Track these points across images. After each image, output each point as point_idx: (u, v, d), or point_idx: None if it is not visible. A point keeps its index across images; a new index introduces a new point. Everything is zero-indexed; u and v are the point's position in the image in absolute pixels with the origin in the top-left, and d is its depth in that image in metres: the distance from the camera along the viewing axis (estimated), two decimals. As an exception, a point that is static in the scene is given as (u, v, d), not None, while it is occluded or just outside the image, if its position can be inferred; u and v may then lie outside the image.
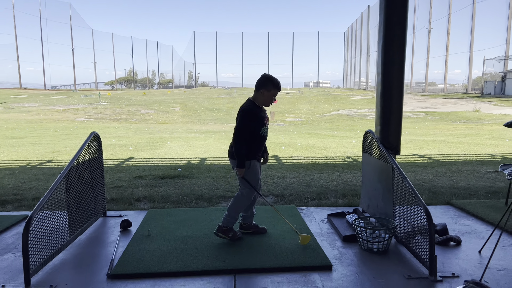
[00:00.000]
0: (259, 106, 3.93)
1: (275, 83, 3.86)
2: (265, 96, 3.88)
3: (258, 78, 3.93)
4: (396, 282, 3.12)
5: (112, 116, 26.36)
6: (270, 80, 3.86)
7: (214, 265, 3.38)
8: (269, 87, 3.84)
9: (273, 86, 3.85)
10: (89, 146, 4.34)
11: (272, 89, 3.86)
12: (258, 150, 3.98)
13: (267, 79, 3.87)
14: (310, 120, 25.07)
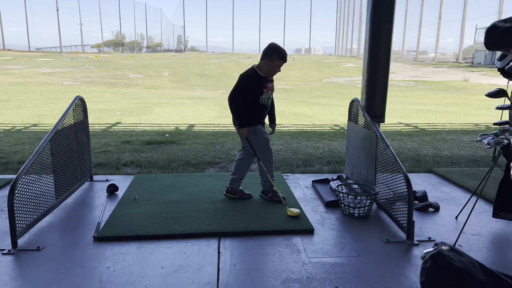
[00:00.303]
0: (262, 75, 3.90)
1: (280, 54, 3.78)
2: (268, 66, 3.84)
3: (266, 46, 3.88)
4: (374, 246, 3.24)
5: (99, 80, 25.91)
6: (275, 51, 3.79)
7: (199, 228, 3.46)
8: (273, 57, 3.79)
9: (277, 57, 3.79)
10: (74, 110, 4.31)
11: (276, 60, 3.80)
12: (261, 117, 4.02)
13: (272, 49, 3.80)
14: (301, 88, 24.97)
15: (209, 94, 19.72)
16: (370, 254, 3.10)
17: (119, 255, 3.04)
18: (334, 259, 3.01)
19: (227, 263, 2.94)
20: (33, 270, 2.81)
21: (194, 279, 2.72)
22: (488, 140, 3.31)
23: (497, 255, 3.12)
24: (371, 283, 2.69)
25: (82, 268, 2.84)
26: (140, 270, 2.82)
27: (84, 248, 3.13)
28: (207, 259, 2.98)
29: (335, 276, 2.78)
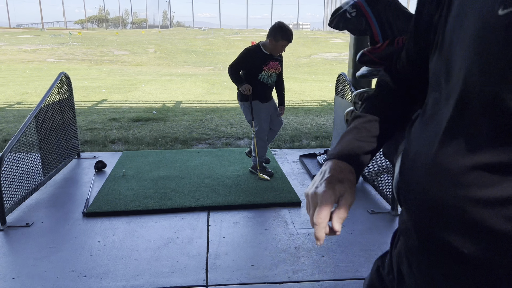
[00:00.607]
0: (266, 52, 3.87)
1: (284, 34, 3.73)
2: (271, 45, 3.81)
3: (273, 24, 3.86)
4: (359, 216, 3.32)
5: (83, 57, 25.38)
6: (280, 30, 3.74)
7: (188, 203, 3.50)
8: (277, 37, 3.75)
9: (281, 37, 3.74)
10: (58, 86, 4.25)
11: (280, 39, 3.75)
12: (261, 95, 3.97)
13: (276, 29, 3.75)
14: (289, 64, 24.81)
15: (196, 70, 19.51)
16: (356, 224, 3.18)
17: (109, 229, 3.07)
18: (320, 230, 3.09)
19: (216, 235, 2.99)
20: (23, 246, 2.83)
21: (184, 251, 2.77)
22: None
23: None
24: (356, 252, 2.78)
25: (72, 243, 2.87)
26: (130, 244, 2.86)
27: (73, 224, 3.16)
28: (197, 232, 3.04)
29: (322, 246, 2.85)
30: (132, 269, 2.55)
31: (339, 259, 2.69)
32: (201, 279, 2.45)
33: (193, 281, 2.43)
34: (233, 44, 33.55)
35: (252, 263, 2.63)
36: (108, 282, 2.41)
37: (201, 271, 2.54)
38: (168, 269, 2.55)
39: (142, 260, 2.65)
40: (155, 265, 2.60)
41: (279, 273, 2.53)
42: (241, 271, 2.54)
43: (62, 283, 2.40)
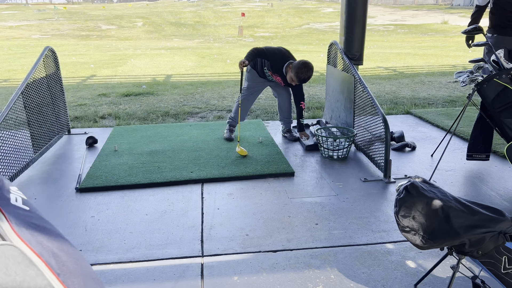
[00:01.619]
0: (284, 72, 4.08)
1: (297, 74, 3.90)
2: (288, 72, 4.02)
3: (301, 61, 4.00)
4: (352, 185, 3.35)
5: (70, 33, 24.78)
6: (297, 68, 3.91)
7: (182, 176, 3.49)
8: (293, 70, 3.95)
9: (295, 74, 3.92)
10: (44, 61, 4.15)
11: (293, 75, 3.94)
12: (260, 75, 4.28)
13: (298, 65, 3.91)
14: (280, 35, 24.44)
15: (185, 44, 19.16)
16: (349, 192, 3.21)
17: (102, 204, 3.06)
18: (314, 198, 3.11)
19: (210, 207, 3.01)
20: (17, 222, 2.82)
21: (179, 223, 2.78)
22: (463, 78, 3.36)
23: (469, 188, 3.27)
24: (349, 219, 2.81)
25: (66, 218, 2.87)
26: (124, 217, 2.87)
27: (67, 200, 3.15)
28: (191, 204, 3.04)
29: (315, 214, 2.88)
30: (127, 242, 2.56)
31: (333, 227, 2.71)
32: (196, 250, 2.47)
33: (189, 252, 2.45)
34: (223, 16, 32.87)
35: (247, 233, 2.65)
36: (103, 255, 2.42)
37: (197, 242, 2.56)
38: (163, 241, 2.57)
39: (137, 233, 2.66)
40: (150, 238, 2.61)
41: (274, 241, 2.55)
42: (236, 241, 2.57)
43: (57, 257, 2.41)
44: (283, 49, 4.21)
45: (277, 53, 4.12)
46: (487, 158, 3.58)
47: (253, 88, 4.35)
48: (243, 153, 3.95)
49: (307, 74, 3.92)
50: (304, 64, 3.91)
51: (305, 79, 3.95)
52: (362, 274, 2.23)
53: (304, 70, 3.89)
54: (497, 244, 1.69)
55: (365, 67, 9.89)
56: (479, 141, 3.54)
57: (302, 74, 3.91)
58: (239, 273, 2.26)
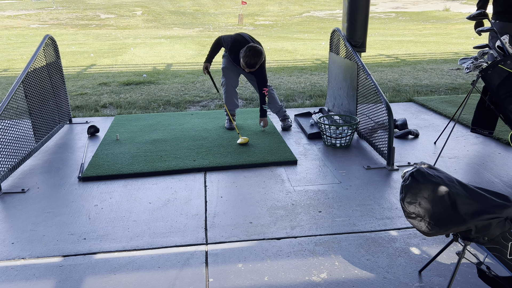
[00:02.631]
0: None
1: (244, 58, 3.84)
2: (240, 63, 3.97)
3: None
4: (356, 173, 3.34)
5: (69, 22, 24.59)
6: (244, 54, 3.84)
7: (185, 165, 3.48)
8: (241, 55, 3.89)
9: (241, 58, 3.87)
10: (44, 50, 4.11)
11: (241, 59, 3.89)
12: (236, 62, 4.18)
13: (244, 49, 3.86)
14: (280, 23, 24.24)
15: (185, 32, 19.02)
16: (352, 180, 3.20)
17: (105, 193, 3.06)
18: (317, 186, 3.11)
19: (214, 195, 3.00)
20: (20, 211, 2.82)
21: (182, 211, 2.78)
22: (467, 64, 3.32)
23: (472, 175, 3.26)
24: (353, 207, 2.80)
25: (70, 207, 2.87)
26: (128, 206, 2.86)
27: (69, 189, 3.14)
28: (194, 193, 3.04)
29: (318, 202, 2.88)
30: (131, 231, 2.56)
31: (336, 214, 2.71)
32: (200, 238, 2.47)
33: (193, 240, 2.45)
34: (222, 4, 32.57)
35: (251, 221, 2.65)
36: (108, 244, 2.43)
37: (200, 230, 2.56)
38: (167, 229, 2.57)
39: (141, 222, 2.66)
40: (154, 226, 2.61)
41: (278, 229, 2.55)
42: (240, 228, 2.57)
43: (62, 246, 2.41)
44: (239, 36, 4.06)
45: (230, 41, 4.02)
46: (490, 135, 3.56)
47: (229, 75, 4.26)
48: (244, 141, 3.94)
49: (252, 59, 3.82)
50: (249, 49, 3.82)
51: (252, 64, 3.84)
52: (366, 261, 2.23)
53: (248, 54, 3.81)
54: (503, 230, 1.68)
55: (367, 55, 9.82)
56: (483, 117, 3.50)
57: (247, 59, 3.82)
58: (243, 260, 2.26)
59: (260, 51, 3.86)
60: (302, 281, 2.08)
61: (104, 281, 2.11)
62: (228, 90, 4.33)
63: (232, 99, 4.37)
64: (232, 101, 4.37)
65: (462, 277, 2.08)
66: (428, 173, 1.76)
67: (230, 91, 4.33)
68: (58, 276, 2.15)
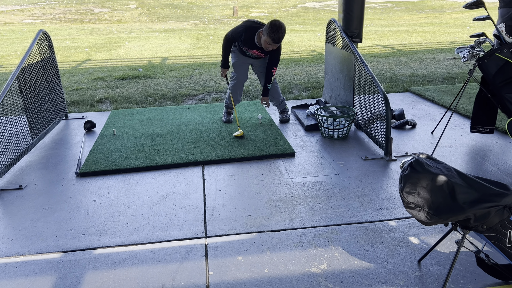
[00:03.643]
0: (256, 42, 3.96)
1: (271, 33, 3.74)
2: (260, 38, 3.90)
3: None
4: (354, 164, 3.34)
5: (62, 17, 24.38)
6: (269, 27, 3.75)
7: (183, 159, 3.47)
8: (265, 31, 3.79)
9: (267, 34, 3.77)
10: (38, 45, 4.07)
11: (266, 36, 3.79)
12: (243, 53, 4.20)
13: (268, 24, 3.78)
14: (276, 15, 24.12)
15: (180, 25, 18.90)
16: (350, 171, 3.20)
17: (104, 188, 3.05)
18: (315, 178, 3.11)
19: (212, 188, 3.00)
20: (18, 208, 2.81)
21: (181, 205, 2.78)
22: (464, 54, 3.32)
23: (470, 165, 3.27)
24: (351, 198, 2.81)
25: (68, 203, 2.86)
26: (126, 201, 2.86)
27: (67, 184, 3.13)
28: (193, 187, 3.03)
29: (317, 193, 2.88)
30: (130, 225, 2.56)
31: (335, 205, 2.72)
32: (199, 231, 2.47)
33: (192, 233, 2.45)
34: (217, -4, 32.33)
35: (250, 213, 2.65)
36: (107, 239, 2.42)
37: (200, 223, 2.56)
38: (166, 224, 2.56)
39: (140, 216, 2.66)
40: (153, 220, 2.61)
41: (277, 221, 2.56)
42: (239, 221, 2.57)
43: (61, 242, 2.41)
44: (249, 22, 4.03)
45: (243, 30, 3.96)
46: (491, 132, 3.57)
47: (239, 69, 4.24)
48: (240, 134, 3.94)
49: (280, 32, 3.78)
50: (273, 24, 3.78)
51: (279, 38, 3.80)
52: (365, 252, 2.24)
53: (274, 29, 3.76)
54: (502, 218, 1.69)
55: (363, 45, 9.79)
56: (483, 113, 3.52)
57: (274, 34, 3.76)
58: (243, 253, 2.26)
59: (283, 24, 3.83)
60: (302, 272, 2.09)
61: (104, 276, 2.11)
62: (237, 84, 4.30)
63: (238, 94, 4.36)
64: (238, 95, 4.37)
65: (461, 266, 2.09)
66: (426, 163, 1.76)
67: (239, 86, 4.31)
68: (58, 272, 2.15)
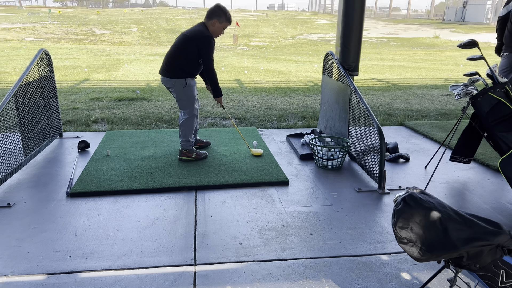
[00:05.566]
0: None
1: (227, 15, 3.76)
2: (215, 27, 3.77)
3: (211, 7, 3.81)
4: (347, 195, 3.33)
5: (64, 37, 24.66)
6: (224, 12, 3.75)
7: (175, 183, 3.45)
8: (221, 18, 3.75)
9: (225, 19, 3.76)
10: (38, 63, 4.10)
11: (224, 21, 3.77)
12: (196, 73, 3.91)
13: (221, 10, 3.74)
14: (274, 45, 24.57)
15: (180, 50, 19.14)
16: (343, 202, 3.19)
17: (93, 210, 3.01)
18: (308, 208, 3.09)
19: (204, 215, 2.96)
20: (4, 226, 2.75)
21: (171, 230, 2.73)
22: (458, 91, 3.38)
23: (463, 201, 3.27)
24: (344, 230, 2.78)
25: (56, 223, 2.80)
26: (116, 223, 2.81)
27: (57, 204, 3.08)
28: (184, 212, 3.00)
29: (310, 224, 2.85)
30: (118, 249, 2.50)
31: (327, 237, 2.69)
32: (189, 258, 2.43)
33: (181, 260, 2.41)
34: (217, 24, 32.91)
35: (241, 242, 2.61)
36: (93, 262, 2.37)
37: (189, 250, 2.51)
38: (155, 249, 2.52)
39: (128, 240, 2.61)
40: (141, 245, 2.56)
41: (268, 251, 2.52)
42: (230, 249, 2.53)
43: (46, 263, 2.35)
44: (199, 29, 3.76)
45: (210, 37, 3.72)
46: (469, 162, 3.71)
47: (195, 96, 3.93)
48: (258, 153, 4.11)
49: (227, 9, 3.76)
50: (221, 7, 3.73)
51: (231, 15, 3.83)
52: (357, 286, 2.20)
53: (225, 9, 3.74)
54: (495, 257, 1.67)
55: (359, 78, 9.95)
56: (466, 145, 3.62)
57: (227, 13, 3.73)
58: (232, 282, 2.22)
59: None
60: (291, 305, 2.04)
61: (88, 301, 2.05)
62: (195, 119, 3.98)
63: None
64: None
65: (453, 304, 2.06)
66: (420, 198, 1.76)
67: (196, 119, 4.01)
68: (40, 295, 2.08)
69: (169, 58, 3.78)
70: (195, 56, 3.74)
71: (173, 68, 3.76)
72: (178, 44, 3.75)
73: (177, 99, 3.90)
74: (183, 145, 3.97)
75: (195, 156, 4.00)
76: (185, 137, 3.94)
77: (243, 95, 7.57)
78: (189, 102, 3.87)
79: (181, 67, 3.75)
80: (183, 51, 3.72)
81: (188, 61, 3.75)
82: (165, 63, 3.80)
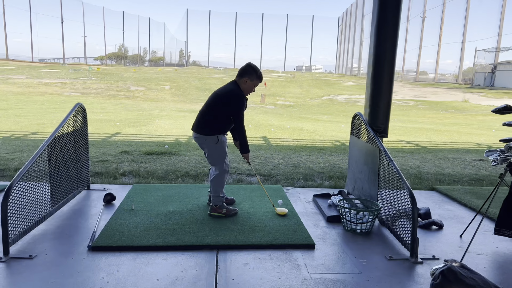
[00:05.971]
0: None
1: (258, 74, 3.88)
2: (247, 85, 3.89)
3: (243, 66, 3.95)
4: (377, 263, 3.14)
5: (100, 92, 25.97)
6: (255, 70, 3.87)
7: (197, 240, 3.36)
8: (252, 76, 3.86)
9: (256, 77, 3.87)
10: (73, 117, 4.25)
11: (255, 79, 3.88)
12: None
13: (252, 68, 3.87)
14: (301, 104, 25.02)
15: (209, 108, 19.71)
16: (373, 271, 3.00)
17: (113, 265, 2.94)
18: (335, 275, 2.92)
19: (225, 277, 2.84)
20: (24, 279, 2.71)
21: (191, 292, 2.62)
22: (494, 157, 3.25)
23: (504, 275, 3.02)
24: (374, 301, 2.59)
25: (75, 278, 2.74)
26: (135, 281, 2.72)
27: (78, 258, 3.03)
28: (204, 272, 2.89)
29: (337, 293, 2.68)
30: (135, 310, 2.40)
31: (356, 308, 2.50)
32: (207, 324, 2.29)
33: (199, 326, 2.27)
34: (247, 83, 34.03)
35: (263, 309, 2.46)
36: (109, 323, 2.26)
37: (208, 315, 2.37)
38: (173, 311, 2.39)
39: (146, 300, 2.50)
40: (159, 306, 2.44)
41: (292, 321, 2.35)
42: (251, 317, 2.37)
43: (60, 321, 2.26)
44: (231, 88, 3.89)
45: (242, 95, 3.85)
46: None
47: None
48: (283, 213, 4.02)
49: (257, 68, 3.88)
50: (252, 66, 3.86)
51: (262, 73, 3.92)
52: None
53: (255, 68, 3.85)
54: None
55: (387, 140, 9.85)
56: (509, 216, 3.36)
57: (258, 71, 3.84)
58: None
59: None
60: None
61: None
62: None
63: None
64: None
65: None
66: (460, 273, 1.62)
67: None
68: None
69: (201, 115, 3.88)
70: (227, 114, 3.82)
71: (205, 125, 3.85)
72: (211, 102, 3.86)
73: (208, 155, 3.94)
74: (213, 201, 3.94)
75: (225, 212, 3.94)
76: (216, 193, 3.92)
77: (269, 152, 7.58)
78: (221, 158, 3.89)
79: (213, 124, 3.83)
80: (215, 108, 3.81)
81: (220, 118, 3.83)
82: (197, 120, 3.90)
